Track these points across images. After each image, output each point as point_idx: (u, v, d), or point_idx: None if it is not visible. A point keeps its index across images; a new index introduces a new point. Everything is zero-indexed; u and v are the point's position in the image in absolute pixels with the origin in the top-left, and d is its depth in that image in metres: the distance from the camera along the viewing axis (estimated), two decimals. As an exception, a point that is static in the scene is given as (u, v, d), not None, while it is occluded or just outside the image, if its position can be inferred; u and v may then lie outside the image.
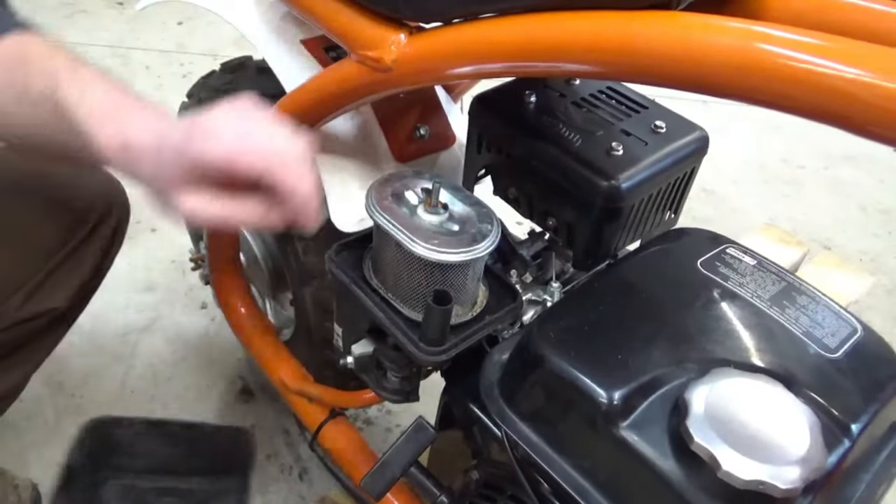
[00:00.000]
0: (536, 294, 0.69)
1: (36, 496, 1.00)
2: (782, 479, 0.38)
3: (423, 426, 0.58)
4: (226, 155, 0.43)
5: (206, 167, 0.43)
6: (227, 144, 0.43)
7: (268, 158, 0.43)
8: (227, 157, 0.43)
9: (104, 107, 0.48)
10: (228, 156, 0.43)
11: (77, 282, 0.78)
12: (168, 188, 0.46)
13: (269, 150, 0.43)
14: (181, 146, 0.44)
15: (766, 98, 0.36)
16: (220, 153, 0.43)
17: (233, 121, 0.44)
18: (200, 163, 0.43)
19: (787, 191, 1.87)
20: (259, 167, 0.43)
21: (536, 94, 0.65)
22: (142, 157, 0.46)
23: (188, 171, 0.44)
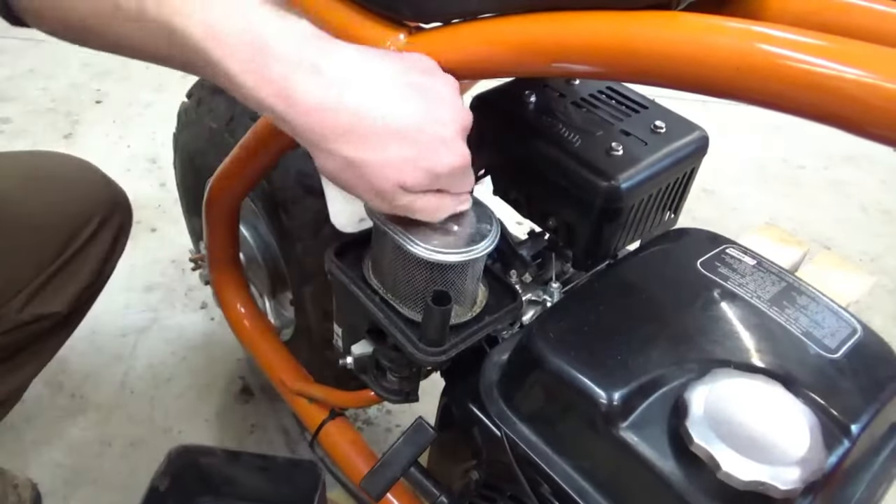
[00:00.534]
0: (536, 294, 0.69)
1: (36, 496, 1.00)
2: (782, 480, 0.38)
3: (422, 426, 0.58)
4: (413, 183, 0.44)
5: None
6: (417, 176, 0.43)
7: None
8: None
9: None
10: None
11: (79, 285, 0.78)
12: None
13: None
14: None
15: (766, 98, 0.36)
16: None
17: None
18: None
19: (787, 191, 1.87)
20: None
21: (536, 94, 0.64)
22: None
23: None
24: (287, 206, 0.82)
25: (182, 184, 1.11)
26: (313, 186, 0.78)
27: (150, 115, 1.89)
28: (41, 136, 1.78)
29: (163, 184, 1.65)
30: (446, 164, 0.43)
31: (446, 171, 0.44)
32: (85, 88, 1.98)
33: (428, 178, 0.43)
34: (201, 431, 1.15)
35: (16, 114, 1.85)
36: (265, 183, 0.82)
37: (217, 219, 0.86)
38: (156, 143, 1.78)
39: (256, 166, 0.72)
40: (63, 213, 0.76)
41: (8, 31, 1.91)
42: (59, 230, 0.76)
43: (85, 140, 1.79)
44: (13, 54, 2.09)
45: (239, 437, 1.15)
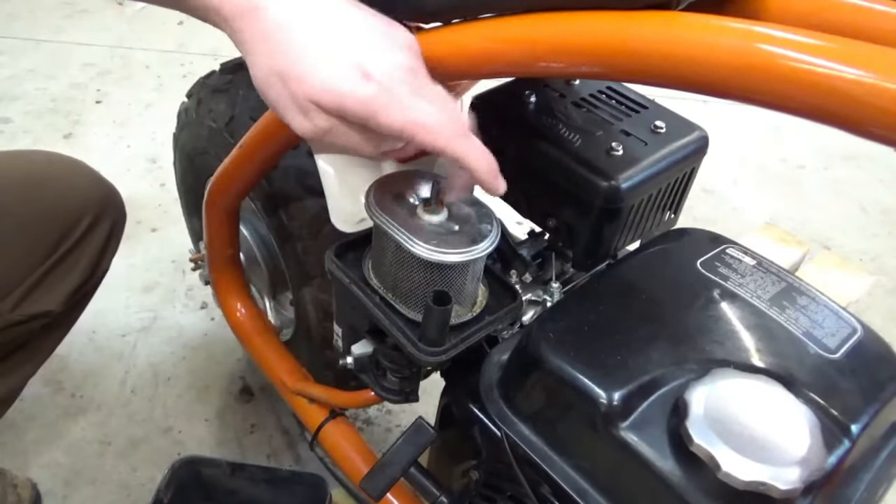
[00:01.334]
0: (536, 294, 0.69)
1: (35, 495, 1.00)
2: (782, 480, 0.38)
3: (422, 426, 0.58)
4: (402, 127, 0.42)
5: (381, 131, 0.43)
6: (406, 117, 0.42)
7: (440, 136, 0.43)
8: (403, 128, 0.42)
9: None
10: (405, 127, 0.42)
11: (72, 284, 0.78)
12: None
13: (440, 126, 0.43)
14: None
15: (766, 98, 0.36)
16: (397, 124, 0.42)
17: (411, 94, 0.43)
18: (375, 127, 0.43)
19: (787, 191, 1.87)
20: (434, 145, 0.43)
21: (536, 94, 0.65)
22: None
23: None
24: (287, 206, 0.82)
25: (182, 184, 1.11)
26: (313, 186, 0.78)
27: (150, 115, 1.89)
28: (41, 136, 1.78)
29: (163, 184, 1.65)
30: (358, 95, 0.41)
31: (357, 103, 0.41)
32: (85, 88, 1.98)
33: (337, 104, 0.41)
34: (201, 431, 1.15)
35: (16, 114, 1.85)
36: (265, 183, 0.82)
37: (217, 219, 0.86)
38: (156, 143, 1.78)
39: (256, 166, 0.72)
40: (54, 211, 0.76)
41: (8, 31, 1.91)
42: (51, 229, 0.76)
43: (85, 140, 1.79)
44: (13, 54, 2.10)
45: (239, 437, 1.15)
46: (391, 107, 0.42)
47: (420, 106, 0.42)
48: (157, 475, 1.07)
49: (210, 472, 0.88)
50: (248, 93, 0.85)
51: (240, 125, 0.83)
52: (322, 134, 0.43)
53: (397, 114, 0.42)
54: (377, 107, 0.41)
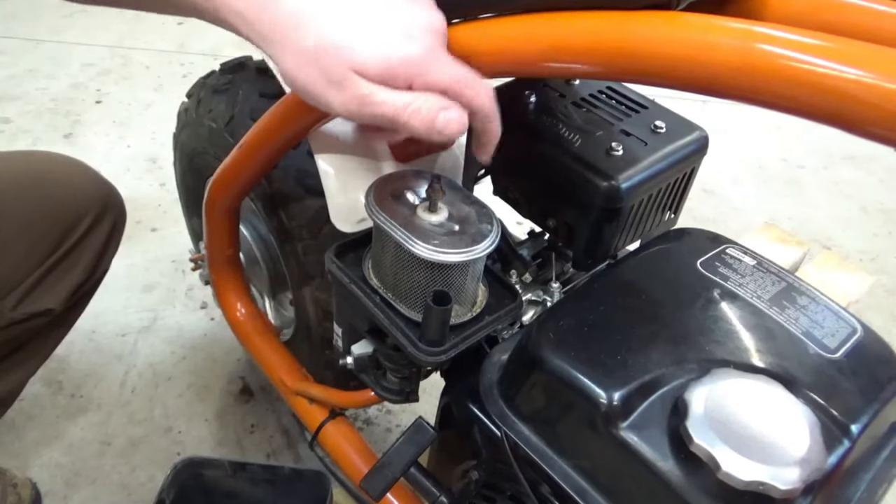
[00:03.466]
0: (536, 294, 0.69)
1: (35, 495, 1.00)
2: (782, 480, 0.38)
3: (422, 426, 0.58)
4: (450, 83, 0.43)
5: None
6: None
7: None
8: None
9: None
10: (451, 84, 0.43)
11: (72, 283, 0.78)
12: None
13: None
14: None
15: (766, 98, 0.36)
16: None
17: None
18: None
19: (787, 191, 1.87)
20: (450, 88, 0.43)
21: (536, 94, 0.65)
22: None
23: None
24: (287, 206, 0.82)
25: (182, 184, 1.11)
26: (313, 186, 0.78)
27: (150, 115, 1.89)
28: (41, 136, 1.78)
29: (163, 184, 1.65)
30: (404, 54, 0.41)
31: (404, 62, 0.41)
32: (85, 88, 1.98)
33: (382, 64, 0.40)
34: (201, 431, 1.15)
35: (16, 114, 1.85)
36: (265, 183, 0.82)
37: (217, 219, 0.86)
38: (156, 143, 1.78)
39: (256, 166, 0.72)
40: (55, 211, 0.77)
41: (8, 32, 1.91)
42: (51, 228, 0.76)
43: (85, 140, 1.79)
44: (13, 54, 2.10)
45: (239, 437, 1.15)
46: (437, 63, 0.42)
47: (459, 65, 0.43)
48: (157, 475, 1.07)
49: (211, 472, 0.88)
50: (248, 93, 0.85)
51: (240, 125, 0.83)
52: (361, 104, 0.42)
53: (444, 69, 0.42)
54: (424, 65, 0.41)
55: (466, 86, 0.43)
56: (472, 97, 0.43)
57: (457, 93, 0.43)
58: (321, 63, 0.41)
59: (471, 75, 0.43)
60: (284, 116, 0.62)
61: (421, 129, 0.42)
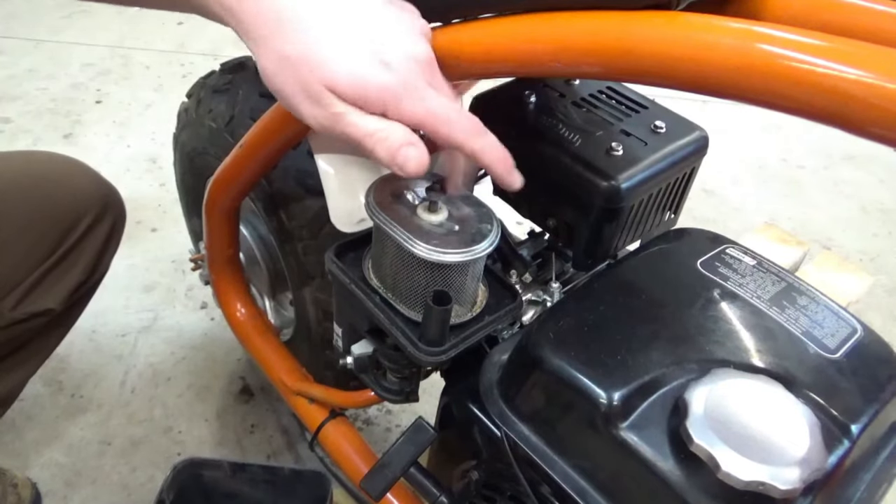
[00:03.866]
0: (536, 294, 0.69)
1: (35, 495, 1.00)
2: (782, 480, 0.38)
3: (422, 426, 0.58)
4: (423, 117, 0.42)
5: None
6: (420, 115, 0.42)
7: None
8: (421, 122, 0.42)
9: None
10: (426, 118, 0.42)
11: (72, 283, 0.78)
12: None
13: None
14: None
15: (767, 98, 0.36)
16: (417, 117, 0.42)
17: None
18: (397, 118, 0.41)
19: (787, 191, 1.87)
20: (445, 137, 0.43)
21: (536, 94, 0.64)
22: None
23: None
24: (287, 206, 0.82)
25: (182, 184, 1.11)
26: (313, 186, 0.78)
27: (150, 115, 1.89)
28: (41, 136, 1.78)
29: (163, 184, 1.65)
30: (381, 81, 0.40)
31: (380, 89, 0.40)
32: (85, 88, 1.98)
33: (357, 87, 0.40)
34: (201, 431, 1.15)
35: (16, 114, 1.85)
36: (265, 183, 0.82)
37: (217, 219, 0.86)
38: (156, 143, 1.78)
39: (256, 166, 0.72)
40: (55, 211, 0.77)
41: (8, 31, 1.91)
42: (51, 228, 0.76)
43: (85, 140, 1.79)
44: (13, 54, 2.10)
45: (239, 437, 1.15)
46: (413, 95, 0.41)
47: (439, 98, 0.42)
48: (157, 475, 1.07)
49: (211, 473, 0.88)
50: (248, 93, 0.85)
51: (240, 125, 0.83)
52: (332, 121, 0.42)
53: (418, 103, 0.41)
54: (399, 95, 0.40)
55: (441, 122, 0.42)
56: (447, 134, 0.42)
57: (431, 128, 0.42)
58: (298, 73, 0.40)
59: (450, 110, 0.42)
60: (284, 116, 0.62)
61: (384, 158, 0.42)
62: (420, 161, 0.42)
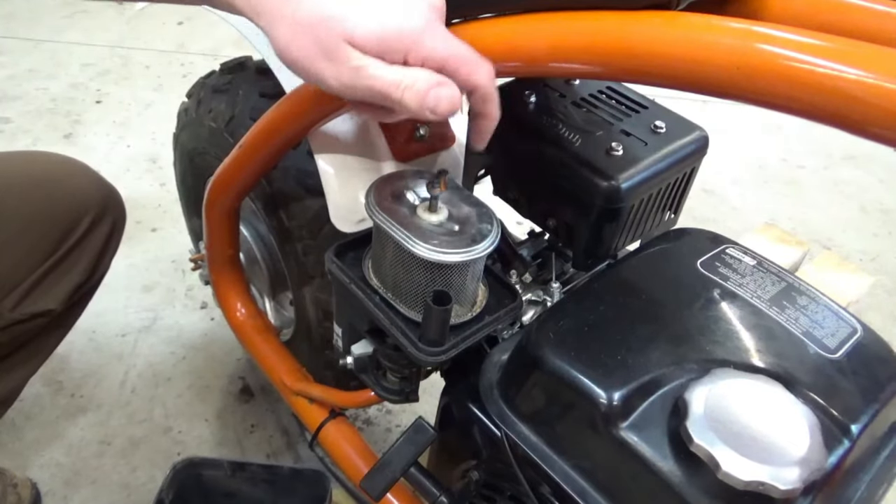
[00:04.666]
0: (536, 294, 0.69)
1: (35, 495, 1.00)
2: (782, 480, 0.38)
3: (422, 427, 0.58)
4: (447, 57, 0.41)
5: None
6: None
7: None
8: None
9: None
10: (449, 58, 0.41)
11: (72, 283, 0.78)
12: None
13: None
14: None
15: (767, 98, 0.36)
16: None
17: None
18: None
19: (787, 191, 1.87)
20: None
21: (536, 94, 0.65)
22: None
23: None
24: (287, 206, 0.82)
25: (182, 184, 1.11)
26: (313, 186, 0.78)
27: (150, 115, 1.89)
28: (41, 136, 1.78)
29: (163, 184, 1.65)
30: (400, 25, 0.39)
31: (399, 34, 0.39)
32: (85, 88, 1.98)
33: (377, 36, 0.39)
34: (201, 431, 1.15)
35: (16, 114, 1.85)
36: (265, 183, 0.82)
37: (217, 219, 0.86)
38: (156, 143, 1.78)
39: (256, 166, 0.72)
40: (55, 211, 0.77)
41: (8, 31, 1.90)
42: (51, 229, 0.76)
43: (85, 140, 1.79)
44: (13, 54, 2.10)
45: (239, 437, 1.15)
46: (433, 36, 0.40)
47: (457, 41, 0.41)
48: (157, 475, 1.07)
49: (211, 472, 0.88)
50: (248, 93, 0.85)
51: (240, 125, 0.83)
52: (355, 77, 0.40)
53: (440, 43, 0.40)
54: (420, 37, 0.40)
55: (464, 62, 0.41)
56: (468, 73, 0.42)
57: (453, 68, 0.41)
58: (315, 34, 0.40)
59: (469, 52, 0.42)
60: (284, 116, 0.62)
61: (413, 105, 0.41)
62: (452, 100, 0.41)
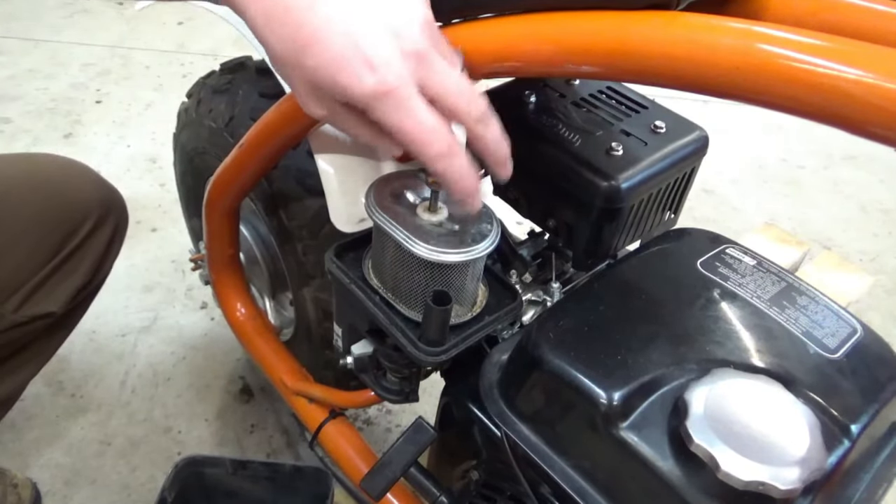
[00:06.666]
0: (536, 294, 0.69)
1: (35, 495, 1.00)
2: (782, 480, 0.38)
3: (422, 426, 0.58)
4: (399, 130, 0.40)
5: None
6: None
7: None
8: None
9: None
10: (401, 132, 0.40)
11: (74, 286, 0.78)
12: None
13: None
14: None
15: (767, 98, 0.36)
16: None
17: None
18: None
19: (787, 191, 1.87)
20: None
21: (536, 94, 0.65)
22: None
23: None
24: (287, 206, 0.82)
25: (182, 184, 1.11)
26: (313, 186, 0.78)
27: (150, 115, 1.89)
28: (41, 136, 1.78)
29: (163, 184, 1.65)
30: (363, 85, 0.38)
31: (361, 92, 0.38)
32: (85, 88, 1.98)
33: (341, 93, 0.39)
34: (201, 431, 1.15)
35: (16, 114, 1.85)
36: (265, 183, 0.82)
37: (217, 219, 0.86)
38: (156, 143, 1.78)
39: (257, 166, 0.72)
40: (58, 214, 0.77)
41: (8, 31, 1.91)
42: (54, 231, 0.76)
43: (85, 140, 1.79)
44: (13, 54, 2.10)
45: (239, 436, 1.15)
46: (389, 102, 0.39)
47: (415, 110, 0.40)
48: (157, 475, 1.07)
49: (212, 470, 0.88)
50: (248, 93, 0.85)
51: (240, 125, 0.83)
52: (330, 119, 0.42)
53: (391, 111, 0.39)
54: (374, 100, 0.39)
55: (416, 139, 0.41)
56: (418, 153, 0.41)
57: (405, 143, 0.41)
58: (294, 71, 0.40)
59: (427, 125, 0.41)
60: (285, 116, 0.62)
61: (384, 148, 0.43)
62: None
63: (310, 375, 0.92)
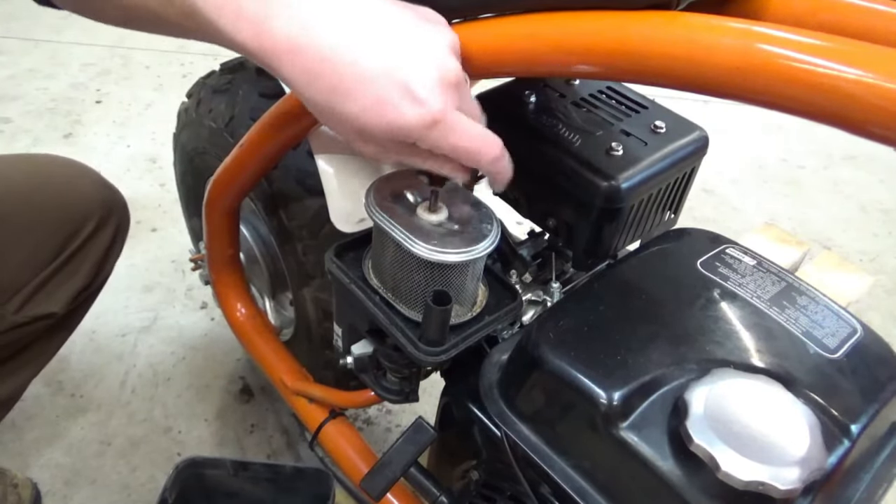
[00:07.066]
0: (536, 294, 0.69)
1: (36, 495, 1.00)
2: (782, 480, 0.38)
3: (422, 426, 0.58)
4: (451, 149, 0.42)
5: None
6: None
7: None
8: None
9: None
10: (453, 151, 0.43)
11: (75, 287, 0.78)
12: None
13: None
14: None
15: (767, 98, 0.36)
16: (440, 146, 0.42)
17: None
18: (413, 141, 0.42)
19: (787, 191, 1.87)
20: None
21: (536, 94, 0.65)
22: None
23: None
24: (287, 206, 0.82)
25: (182, 184, 1.11)
26: (313, 186, 0.78)
27: (150, 115, 1.89)
28: (41, 136, 1.78)
29: (163, 184, 1.65)
30: (409, 119, 0.39)
31: (408, 126, 0.39)
32: (85, 88, 1.98)
33: (389, 130, 0.40)
34: (201, 431, 1.15)
35: (16, 114, 1.85)
36: (265, 183, 0.82)
37: (217, 219, 0.86)
38: (156, 143, 1.78)
39: (257, 166, 0.72)
40: (60, 214, 0.77)
41: (8, 32, 1.90)
42: (56, 232, 0.76)
43: (85, 140, 1.79)
44: (13, 54, 2.10)
45: (239, 437, 1.15)
46: (439, 129, 0.41)
47: (465, 129, 0.42)
48: (157, 475, 1.07)
49: (213, 471, 0.88)
50: (248, 93, 0.85)
51: (240, 125, 0.83)
52: (382, 155, 0.43)
53: (442, 137, 0.41)
54: (424, 131, 0.40)
55: (468, 152, 0.43)
56: (473, 164, 0.45)
57: (459, 159, 0.44)
58: (337, 122, 0.42)
59: (476, 140, 0.43)
60: (285, 116, 0.62)
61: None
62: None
63: (310, 375, 0.92)
